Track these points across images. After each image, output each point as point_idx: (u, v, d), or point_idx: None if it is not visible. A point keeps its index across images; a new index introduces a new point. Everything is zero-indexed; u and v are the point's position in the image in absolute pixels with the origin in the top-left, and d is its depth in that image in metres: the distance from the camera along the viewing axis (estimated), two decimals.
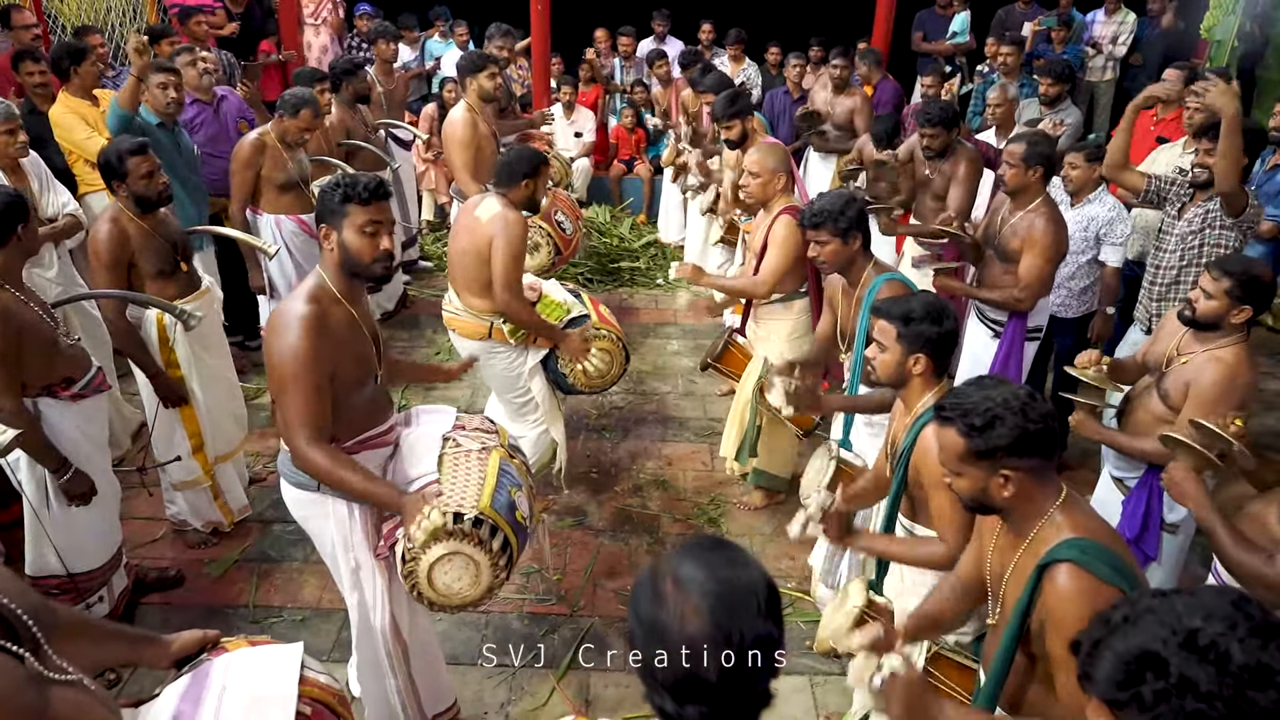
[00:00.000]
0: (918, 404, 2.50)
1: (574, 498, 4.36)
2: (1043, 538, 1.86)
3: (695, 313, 6.56)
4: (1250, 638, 1.15)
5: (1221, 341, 2.85)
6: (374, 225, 2.42)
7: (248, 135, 4.57)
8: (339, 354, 2.44)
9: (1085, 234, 4.21)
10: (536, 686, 3.27)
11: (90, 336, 3.99)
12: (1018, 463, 1.82)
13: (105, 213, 3.45)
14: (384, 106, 6.24)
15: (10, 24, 5.40)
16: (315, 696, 1.87)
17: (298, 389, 2.36)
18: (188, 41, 6.02)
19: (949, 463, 1.91)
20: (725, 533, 4.13)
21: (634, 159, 8.11)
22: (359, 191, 2.39)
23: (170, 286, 3.57)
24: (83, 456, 3.10)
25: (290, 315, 2.38)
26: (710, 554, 1.24)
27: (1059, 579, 1.77)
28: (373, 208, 2.41)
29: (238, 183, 4.57)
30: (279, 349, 2.36)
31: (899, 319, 2.46)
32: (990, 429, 1.81)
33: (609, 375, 3.88)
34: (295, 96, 4.55)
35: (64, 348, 3.05)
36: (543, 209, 4.83)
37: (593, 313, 3.89)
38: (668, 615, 1.19)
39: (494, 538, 2.45)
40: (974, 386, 1.91)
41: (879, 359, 2.53)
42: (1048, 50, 7.75)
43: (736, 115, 4.57)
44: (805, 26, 8.09)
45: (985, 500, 1.90)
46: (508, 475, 2.64)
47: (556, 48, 7.91)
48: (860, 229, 3.13)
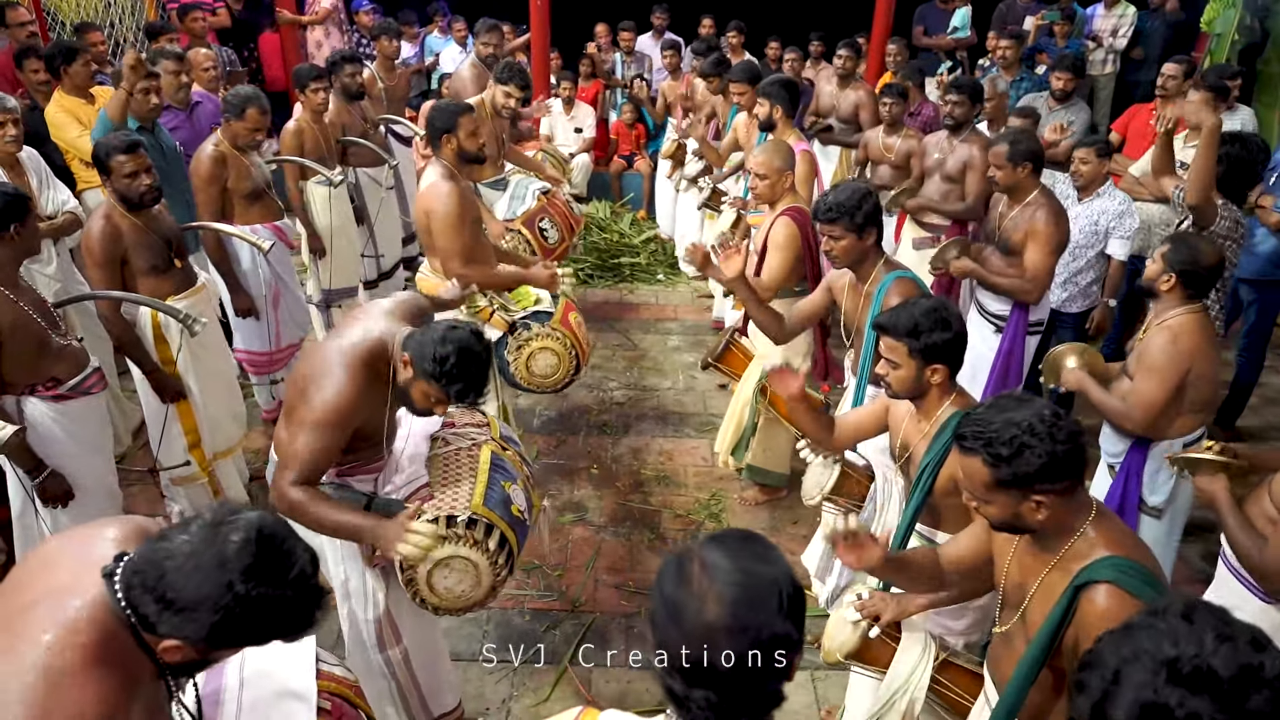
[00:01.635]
0: (937, 411, 2.44)
1: (575, 493, 4.36)
2: (1075, 554, 1.81)
3: (695, 309, 6.56)
4: (1222, 646, 1.14)
5: (1171, 314, 2.98)
6: (442, 406, 2.40)
7: (203, 150, 4.22)
8: (371, 414, 2.44)
9: (1095, 228, 4.22)
10: (539, 681, 3.27)
11: (90, 334, 3.99)
12: (1050, 487, 1.75)
13: (98, 209, 3.45)
14: (384, 102, 6.23)
15: (6, 22, 5.39)
16: (332, 690, 1.88)
17: (318, 436, 2.32)
18: (187, 41, 6.02)
19: (975, 491, 1.84)
20: (726, 528, 4.12)
21: (634, 154, 8.10)
22: (451, 391, 2.31)
23: (165, 283, 3.57)
24: (68, 457, 3.08)
25: (343, 361, 2.34)
26: (742, 545, 1.24)
27: (1099, 600, 1.72)
28: (452, 401, 2.38)
29: (204, 200, 4.25)
30: (318, 388, 2.32)
31: (907, 335, 2.37)
32: (1018, 457, 1.73)
33: (551, 379, 3.79)
34: (238, 96, 4.22)
35: (56, 347, 3.03)
36: (527, 214, 4.82)
37: (558, 316, 3.80)
38: (689, 598, 1.19)
39: (490, 537, 2.41)
40: (994, 410, 1.81)
41: (894, 376, 2.43)
42: (1050, 44, 7.72)
43: (773, 98, 4.69)
44: (805, 21, 8.06)
45: (1019, 524, 1.84)
46: (501, 470, 2.60)
47: (556, 43, 7.89)
48: (875, 224, 3.08)
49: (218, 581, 1.39)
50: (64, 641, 1.36)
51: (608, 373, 5.56)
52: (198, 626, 1.40)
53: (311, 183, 5.06)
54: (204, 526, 1.44)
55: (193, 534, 1.43)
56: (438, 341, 2.29)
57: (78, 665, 1.35)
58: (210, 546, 1.41)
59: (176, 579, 1.39)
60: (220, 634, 1.42)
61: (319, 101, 4.97)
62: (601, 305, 6.59)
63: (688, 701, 1.21)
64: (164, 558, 1.41)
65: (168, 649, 1.44)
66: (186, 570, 1.40)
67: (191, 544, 1.42)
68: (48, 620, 1.39)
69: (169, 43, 5.54)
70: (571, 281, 3.94)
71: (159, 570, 1.40)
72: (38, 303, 3.05)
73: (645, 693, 3.19)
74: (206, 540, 1.42)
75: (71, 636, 1.37)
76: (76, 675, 1.35)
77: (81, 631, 1.38)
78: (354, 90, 5.43)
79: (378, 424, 2.52)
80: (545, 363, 3.76)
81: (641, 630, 3.50)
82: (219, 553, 1.40)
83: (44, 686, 1.32)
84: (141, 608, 1.41)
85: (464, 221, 3.59)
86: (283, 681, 1.84)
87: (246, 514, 1.48)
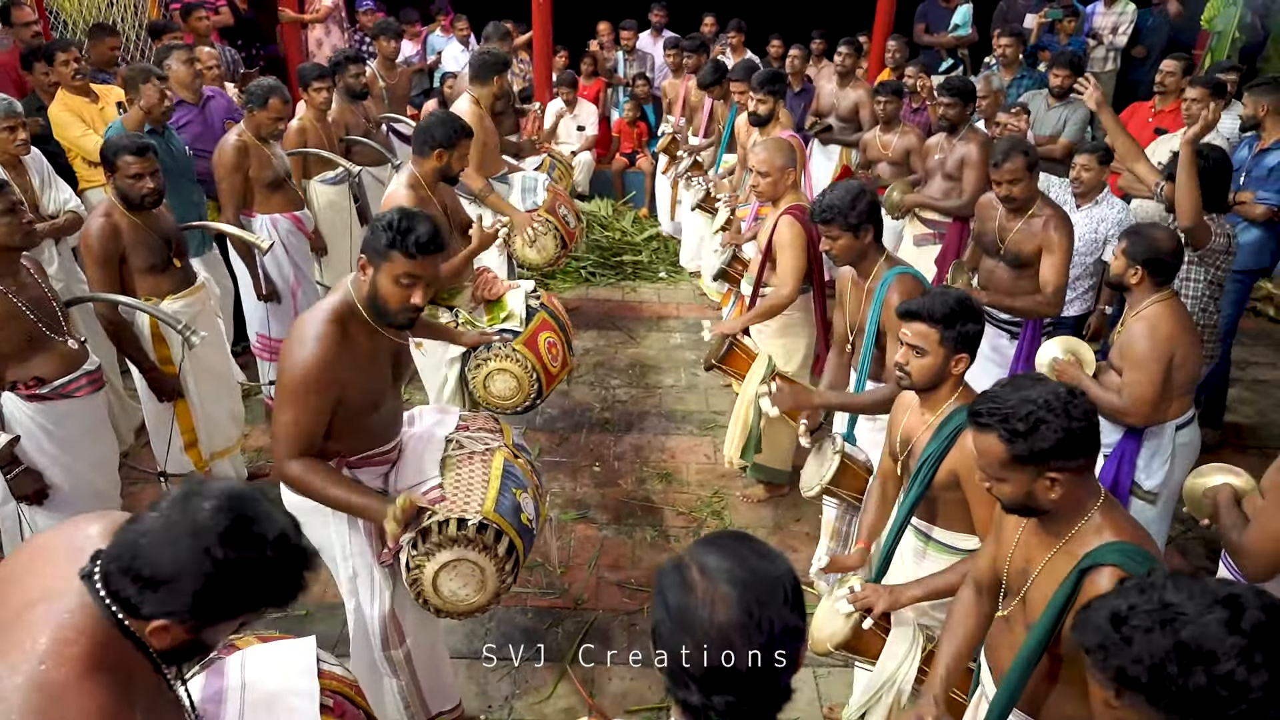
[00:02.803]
0: (944, 404, 2.45)
1: (577, 491, 4.37)
2: (1081, 538, 1.82)
3: (698, 307, 6.57)
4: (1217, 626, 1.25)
5: (1145, 304, 3.04)
6: (411, 279, 2.32)
7: (226, 140, 4.36)
8: (352, 377, 2.37)
9: (1094, 235, 4.22)
10: (541, 679, 3.29)
11: (91, 333, 3.99)
12: (1065, 464, 1.77)
13: (98, 207, 3.46)
14: (386, 101, 6.24)
15: (10, 21, 5.39)
16: (334, 689, 1.89)
17: (295, 406, 2.31)
18: (190, 39, 6.03)
19: (990, 469, 1.86)
20: (729, 525, 4.14)
21: (636, 152, 8.11)
22: (408, 243, 2.28)
23: (164, 282, 3.58)
24: (45, 458, 3.07)
25: (310, 329, 2.31)
26: (736, 545, 1.25)
27: (1103, 584, 1.73)
28: (417, 263, 2.31)
29: (226, 189, 4.38)
30: (290, 361, 2.30)
31: (941, 321, 2.37)
32: (1034, 433, 1.75)
33: (510, 402, 3.63)
34: (260, 87, 4.34)
35: (46, 346, 3.02)
36: (546, 203, 4.84)
37: (525, 336, 3.62)
38: (698, 603, 1.18)
39: (499, 543, 2.41)
40: (1009, 388, 1.84)
41: (916, 364, 2.43)
42: (1053, 42, 7.72)
43: (772, 93, 4.81)
44: (807, 19, 8.07)
45: (1031, 504, 1.85)
46: (512, 477, 2.60)
47: (558, 41, 7.90)
48: (871, 221, 3.09)
49: (194, 549, 1.37)
50: (59, 653, 1.34)
51: (610, 370, 5.57)
52: (181, 600, 1.38)
53: (315, 181, 5.07)
54: (174, 500, 1.43)
55: (164, 509, 1.42)
56: (383, 226, 2.31)
57: (73, 677, 1.33)
58: (184, 517, 1.39)
59: (153, 553, 1.38)
60: (205, 606, 1.40)
61: (322, 101, 4.99)
62: (604, 303, 6.60)
63: (707, 710, 1.20)
64: (138, 536, 1.40)
65: (155, 631, 1.41)
66: (162, 543, 1.38)
67: (164, 518, 1.40)
68: (39, 629, 1.36)
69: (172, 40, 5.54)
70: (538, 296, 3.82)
71: (133, 550, 1.38)
72: (38, 300, 3.03)
73: (647, 690, 3.20)
74: (179, 511, 1.40)
75: (65, 647, 1.35)
76: (74, 686, 1.32)
77: (73, 641, 1.36)
78: (357, 90, 5.45)
79: (372, 390, 2.46)
80: (504, 384, 3.58)
81: (643, 627, 3.51)
82: (193, 521, 1.39)
83: (43, 701, 1.30)
84: (122, 591, 1.39)
85: None
86: (285, 681, 1.84)
87: (216, 483, 1.47)
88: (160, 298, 3.57)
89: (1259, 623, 1.24)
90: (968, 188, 4.82)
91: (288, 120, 4.49)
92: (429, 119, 3.52)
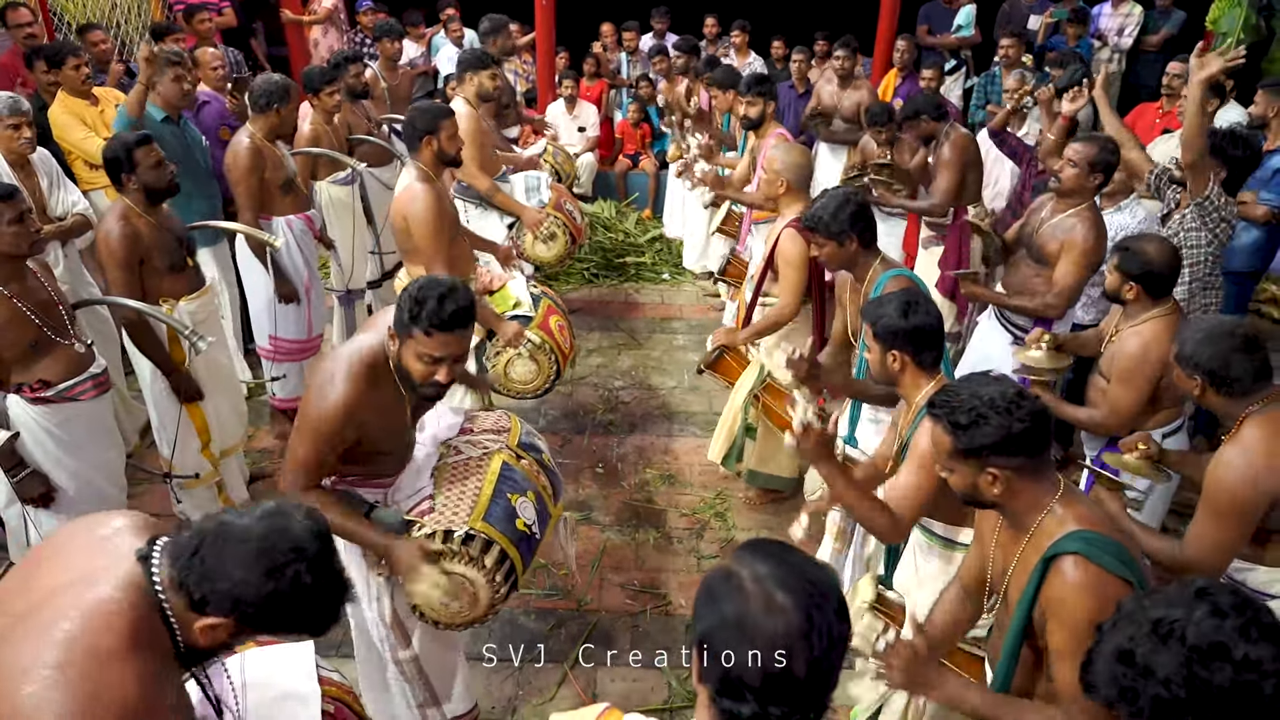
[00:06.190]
0: (916, 397, 2.51)
1: (580, 492, 4.37)
2: (1045, 530, 1.86)
3: (701, 308, 6.57)
4: (1208, 618, 1.25)
5: (1143, 317, 3.01)
6: (434, 361, 2.25)
7: (239, 143, 4.21)
8: (373, 420, 2.36)
9: (1112, 242, 4.18)
10: (544, 680, 3.29)
11: (95, 333, 4.00)
12: (1004, 461, 1.83)
13: (112, 211, 3.41)
14: (388, 102, 6.24)
15: (7, 23, 5.39)
16: (334, 695, 1.89)
17: (315, 442, 2.30)
18: (194, 41, 6.03)
19: (940, 458, 1.94)
20: (731, 527, 4.14)
21: (639, 154, 8.11)
22: (430, 322, 2.18)
23: (181, 282, 3.58)
24: (50, 460, 3.08)
25: (342, 368, 2.29)
26: (783, 552, 1.23)
27: (1065, 571, 1.77)
28: (438, 340, 2.21)
29: (244, 191, 4.24)
30: (318, 396, 2.29)
31: (870, 318, 2.52)
32: (975, 427, 1.82)
33: (531, 385, 3.71)
34: (274, 85, 4.24)
35: (52, 349, 3.02)
36: (552, 200, 4.84)
37: (538, 320, 3.72)
38: (758, 612, 1.16)
39: (487, 553, 2.36)
40: (967, 383, 1.92)
41: (868, 358, 2.59)
42: (1060, 43, 7.70)
43: (761, 94, 4.79)
44: (810, 20, 8.06)
45: (976, 496, 1.92)
46: (509, 481, 2.54)
47: (561, 42, 7.90)
48: (856, 229, 3.11)
49: (282, 564, 1.45)
50: (101, 624, 1.39)
51: (613, 372, 5.57)
52: (246, 606, 1.45)
53: (325, 182, 5.07)
54: (266, 512, 1.50)
55: (254, 518, 1.49)
56: (411, 300, 2.20)
57: (117, 646, 1.38)
58: (279, 532, 1.47)
59: (241, 555, 1.44)
60: (264, 617, 1.47)
61: (333, 104, 4.92)
62: (606, 304, 6.60)
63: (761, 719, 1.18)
64: (223, 536, 1.46)
65: (204, 626, 1.47)
66: (251, 550, 1.45)
67: (255, 526, 1.47)
68: (78, 604, 1.41)
69: (175, 43, 5.54)
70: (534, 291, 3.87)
71: (218, 547, 1.45)
72: (45, 304, 3.03)
73: (650, 691, 3.20)
74: (271, 524, 1.48)
75: (108, 619, 1.40)
76: (117, 655, 1.37)
77: (118, 614, 1.41)
78: (357, 90, 5.46)
79: (390, 432, 2.46)
80: (524, 369, 3.67)
81: (646, 629, 3.51)
82: (291, 539, 1.47)
83: (88, 666, 1.34)
84: (193, 585, 1.45)
85: (443, 223, 3.50)
86: (285, 685, 1.84)
87: (303, 507, 1.55)
88: (176, 299, 3.57)
89: (1234, 603, 1.28)
90: (937, 187, 4.76)
91: (296, 119, 4.48)
92: (407, 115, 3.57)
